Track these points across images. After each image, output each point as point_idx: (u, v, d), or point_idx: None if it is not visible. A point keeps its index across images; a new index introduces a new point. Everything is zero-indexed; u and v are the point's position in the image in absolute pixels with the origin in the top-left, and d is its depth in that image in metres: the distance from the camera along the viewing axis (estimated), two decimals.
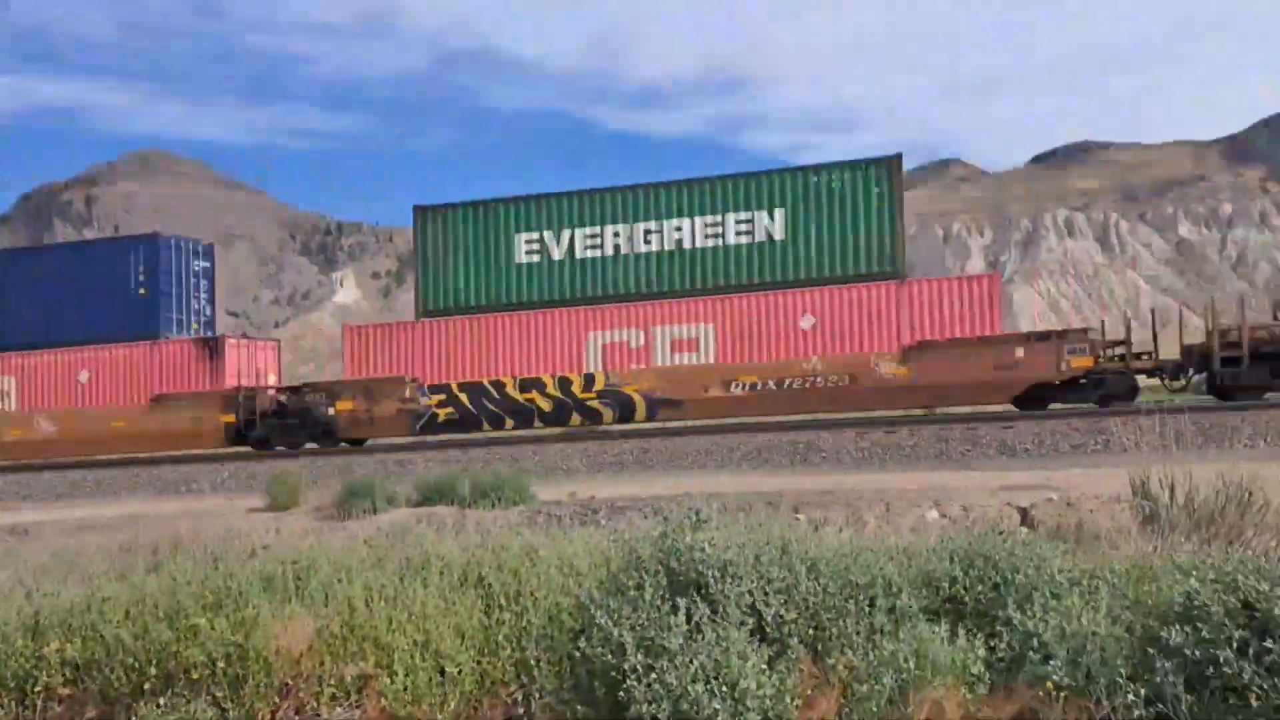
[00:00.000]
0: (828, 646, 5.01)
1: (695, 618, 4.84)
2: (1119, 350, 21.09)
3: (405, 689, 5.46)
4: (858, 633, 5.03)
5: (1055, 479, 12.11)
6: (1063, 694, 4.48)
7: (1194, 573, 4.60)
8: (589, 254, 23.38)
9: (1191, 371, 20.47)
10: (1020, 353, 20.71)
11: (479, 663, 5.57)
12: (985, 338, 21.03)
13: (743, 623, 4.89)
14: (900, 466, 16.31)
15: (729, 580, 5.02)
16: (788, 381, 21.76)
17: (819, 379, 21.65)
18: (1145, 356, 20.93)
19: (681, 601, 4.89)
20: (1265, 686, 4.13)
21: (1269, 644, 4.19)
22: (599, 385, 22.74)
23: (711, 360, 22.27)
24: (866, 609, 5.15)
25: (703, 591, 5.01)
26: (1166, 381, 20.81)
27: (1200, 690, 4.27)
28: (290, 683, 5.68)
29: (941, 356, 21.02)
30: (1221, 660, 4.23)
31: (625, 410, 22.66)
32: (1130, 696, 4.35)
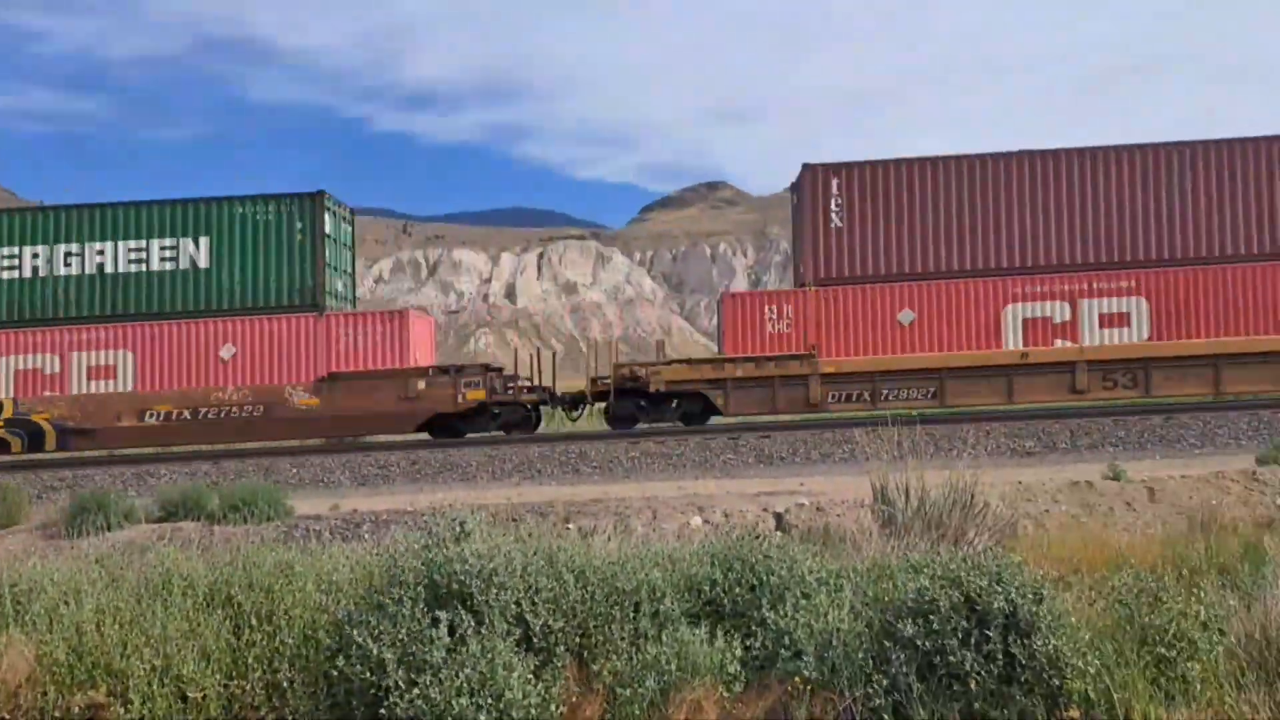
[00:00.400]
0: (594, 653, 5.07)
1: (460, 630, 4.76)
2: (517, 383, 23.16)
3: (142, 718, 5.04)
4: (623, 638, 5.12)
5: (808, 485, 12.87)
6: (810, 687, 4.75)
7: (925, 571, 5.01)
8: (4, 275, 22.64)
9: (587, 403, 23.03)
10: (422, 385, 22.10)
11: (226, 686, 5.22)
12: (390, 371, 22.23)
13: (509, 633, 4.86)
14: (668, 475, 16.79)
15: (494, 591, 4.98)
16: (203, 411, 22.05)
17: (235, 409, 22.15)
18: (538, 390, 23.01)
19: (444, 615, 4.80)
20: (983, 672, 4.56)
21: (988, 634, 4.63)
22: (7, 413, 21.98)
23: (131, 388, 22.18)
24: (632, 615, 5.25)
25: (468, 603, 4.94)
26: (567, 411, 23.33)
27: (929, 678, 4.65)
28: (7, 717, 5.10)
29: (351, 388, 22.14)
30: (948, 650, 4.63)
31: (35, 440, 22.11)
32: (871, 687, 4.68)
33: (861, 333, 21.94)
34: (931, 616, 4.74)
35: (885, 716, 4.62)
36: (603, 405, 22.84)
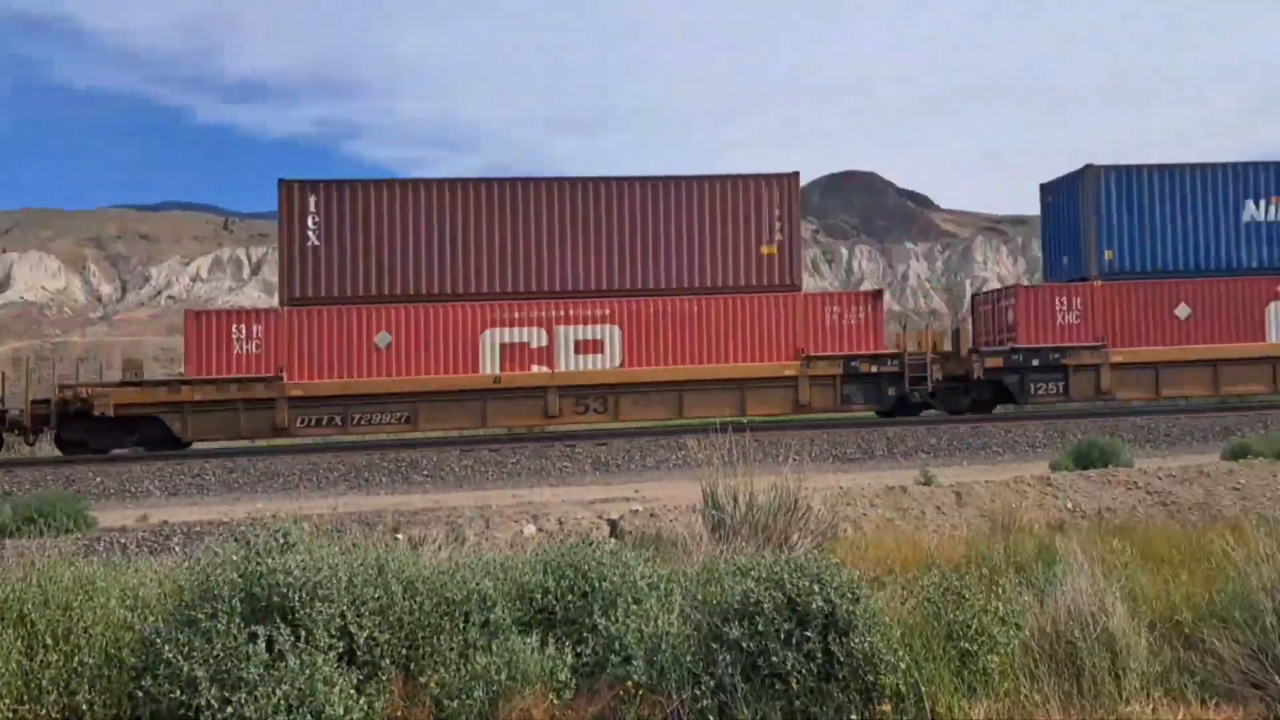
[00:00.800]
0: (421, 665, 4.97)
1: (278, 645, 4.56)
2: None
3: None
4: (451, 649, 5.04)
5: (642, 491, 13.05)
6: (640, 691, 4.81)
7: (751, 573, 5.15)
8: None
9: (27, 428, 20.68)
10: None
11: (15, 711, 4.82)
12: None
13: (331, 647, 4.69)
14: (502, 483, 16.66)
15: (318, 604, 4.80)
16: None
17: None
18: None
19: (262, 629, 4.60)
20: (803, 671, 4.73)
21: (807, 634, 4.81)
22: None
23: None
24: (462, 625, 5.17)
25: (289, 617, 4.74)
26: (22, 436, 20.90)
27: (754, 679, 4.79)
28: None
29: None
30: (771, 650, 4.78)
31: None
32: (698, 689, 4.78)
33: (337, 355, 21.53)
34: (756, 618, 4.88)
35: (711, 717, 4.72)
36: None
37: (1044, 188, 27.87)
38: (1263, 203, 25.25)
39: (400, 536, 9.19)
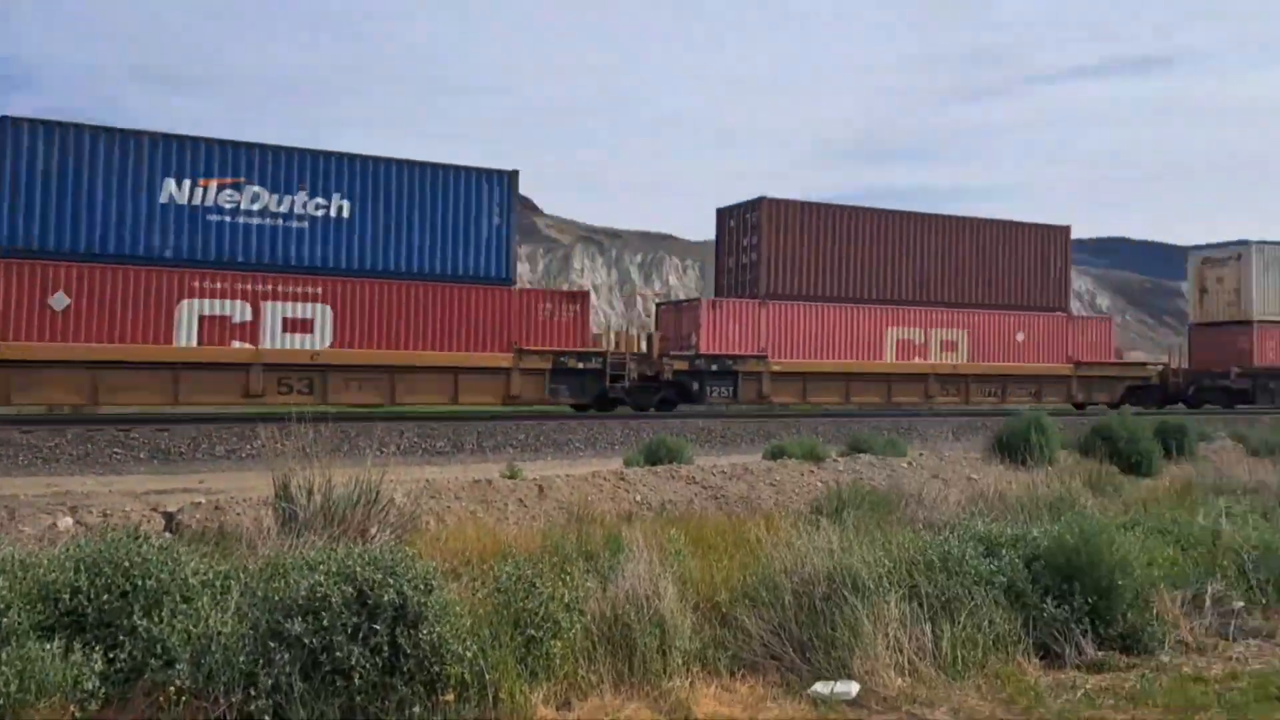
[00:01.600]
0: None
1: None
2: None
3: None
4: None
5: (208, 483, 12.05)
6: (184, 697, 4.40)
7: (320, 567, 4.93)
8: None
9: None
10: None
11: None
12: None
13: None
14: (35, 470, 14.55)
15: None
16: None
17: None
18: None
19: None
20: (368, 665, 4.61)
21: (376, 626, 4.69)
22: None
23: None
24: None
25: None
26: None
27: (314, 676, 4.57)
28: None
29: None
30: (336, 645, 4.60)
31: None
32: (252, 690, 4.47)
33: None
34: (323, 613, 4.67)
35: (266, 718, 4.44)
36: None
37: None
38: (187, 183, 21.60)
39: None
